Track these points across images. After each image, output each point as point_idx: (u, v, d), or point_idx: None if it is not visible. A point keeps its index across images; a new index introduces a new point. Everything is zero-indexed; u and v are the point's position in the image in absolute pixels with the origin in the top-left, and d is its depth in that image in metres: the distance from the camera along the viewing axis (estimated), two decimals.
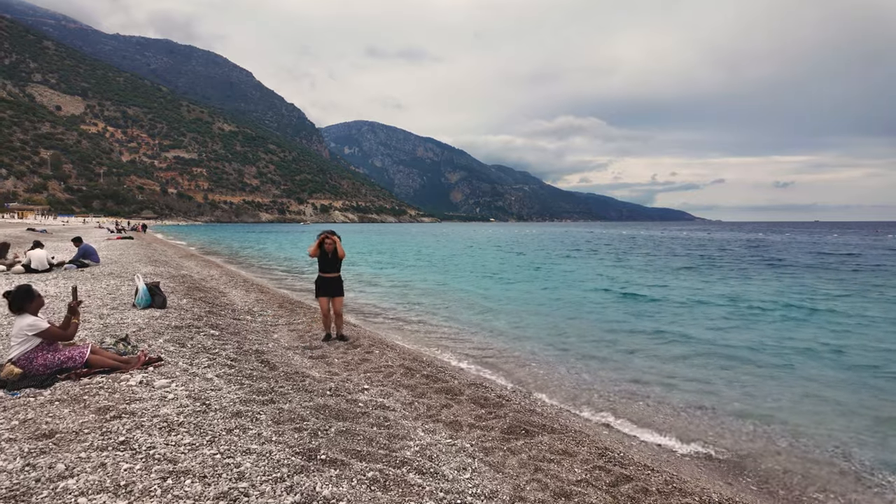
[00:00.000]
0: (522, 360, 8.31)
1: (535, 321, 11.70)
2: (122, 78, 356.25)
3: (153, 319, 7.35)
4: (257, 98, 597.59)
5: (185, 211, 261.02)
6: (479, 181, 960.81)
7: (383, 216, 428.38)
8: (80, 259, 15.52)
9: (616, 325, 11.42)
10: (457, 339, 9.65)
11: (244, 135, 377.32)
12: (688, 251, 39.85)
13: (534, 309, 13.39)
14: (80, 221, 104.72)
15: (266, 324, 9.41)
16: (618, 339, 9.95)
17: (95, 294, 9.46)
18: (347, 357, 7.24)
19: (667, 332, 10.54)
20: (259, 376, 5.27)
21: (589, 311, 13.27)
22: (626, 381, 7.33)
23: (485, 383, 6.66)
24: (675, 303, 14.36)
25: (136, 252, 22.74)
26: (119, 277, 12.80)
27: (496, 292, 16.55)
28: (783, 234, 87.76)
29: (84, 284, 11.05)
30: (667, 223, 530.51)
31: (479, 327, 10.93)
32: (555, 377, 7.45)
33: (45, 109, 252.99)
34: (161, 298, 8.35)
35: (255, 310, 10.81)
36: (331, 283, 8.14)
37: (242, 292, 13.72)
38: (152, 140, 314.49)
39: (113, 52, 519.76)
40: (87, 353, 4.95)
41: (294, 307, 11.64)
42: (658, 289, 17.40)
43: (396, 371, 6.57)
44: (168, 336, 6.43)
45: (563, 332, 10.53)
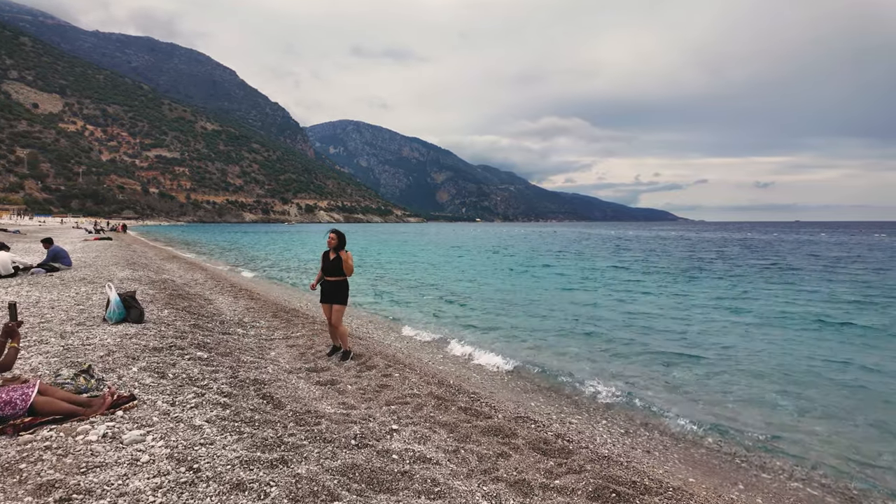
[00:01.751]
0: (564, 384, 7.20)
1: (565, 338, 10.63)
2: (101, 75, 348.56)
3: (127, 339, 6.10)
4: (241, 97, 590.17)
5: (167, 211, 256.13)
6: (465, 181, 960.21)
7: (369, 216, 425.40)
8: (49, 262, 14.07)
9: (654, 334, 10.39)
10: (480, 356, 8.51)
11: (227, 134, 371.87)
12: (689, 253, 39.21)
13: (560, 324, 12.32)
14: (58, 222, 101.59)
15: (260, 338, 8.19)
16: (668, 353, 8.90)
17: (61, 305, 8.14)
18: (362, 382, 6.07)
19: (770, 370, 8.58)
20: (262, 420, 4.08)
21: (618, 317, 12.24)
22: (705, 405, 6.26)
23: (532, 415, 5.53)
24: (749, 323, 11.63)
25: (113, 254, 21.21)
26: (92, 284, 11.43)
27: (512, 299, 15.42)
28: (771, 234, 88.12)
29: (50, 292, 9.70)
30: (651, 223, 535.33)
31: (503, 340, 9.80)
32: (617, 406, 6.35)
33: (22, 107, 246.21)
34: (137, 311, 7.09)
35: (246, 320, 9.58)
36: (331, 287, 6.99)
37: (230, 299, 12.44)
38: (133, 139, 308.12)
39: (92, 49, 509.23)
40: (33, 393, 3.72)
41: (290, 317, 10.41)
42: (699, 302, 16.34)
43: (426, 402, 5.41)
44: (144, 362, 5.19)
45: (604, 348, 9.45)
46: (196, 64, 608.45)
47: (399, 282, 19.59)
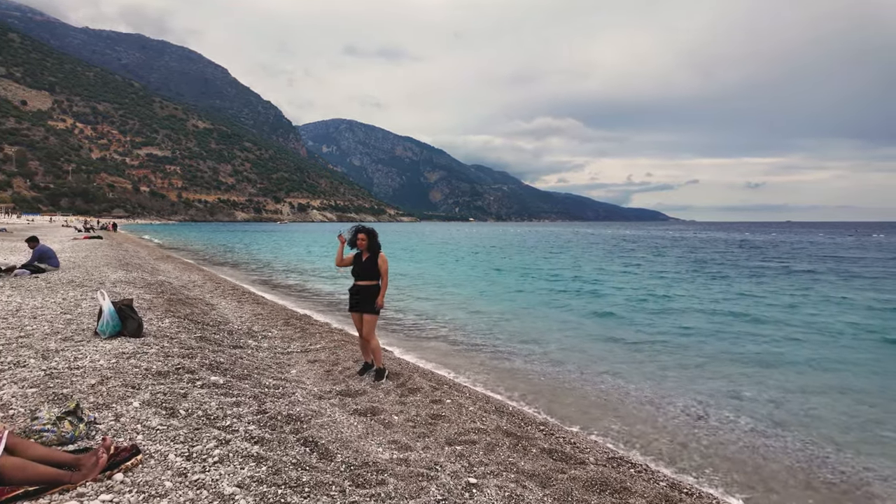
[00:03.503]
0: (642, 403, 6.18)
1: (618, 352, 9.62)
2: (91, 73, 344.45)
3: (124, 359, 5.01)
4: (233, 95, 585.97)
5: (158, 210, 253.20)
6: (459, 181, 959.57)
7: (362, 215, 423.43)
8: (34, 263, 12.89)
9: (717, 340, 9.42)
10: (529, 373, 7.48)
11: (219, 132, 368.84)
12: (691, 253, 38.49)
13: (608, 333, 11.33)
14: (47, 220, 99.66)
15: (276, 351, 7.12)
16: (742, 366, 7.92)
17: (44, 314, 7.03)
18: (409, 410, 5.03)
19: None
20: (312, 481, 3.03)
21: (658, 323, 11.26)
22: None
23: (629, 456, 4.52)
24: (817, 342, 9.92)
25: (104, 254, 19.98)
26: (81, 287, 10.29)
27: (539, 307, 14.37)
28: (769, 235, 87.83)
29: (33, 297, 8.56)
30: (643, 223, 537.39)
31: (544, 353, 8.78)
32: (725, 437, 5.35)
33: (10, 104, 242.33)
34: (135, 323, 5.99)
35: (255, 329, 8.50)
36: (363, 293, 5.95)
37: (234, 303, 11.35)
38: (124, 137, 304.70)
39: (82, 46, 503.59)
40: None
41: (304, 325, 9.33)
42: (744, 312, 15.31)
43: (497, 440, 4.38)
44: (148, 393, 4.12)
45: (687, 361, 8.45)
46: (187, 62, 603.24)
47: (423, 287, 18.44)
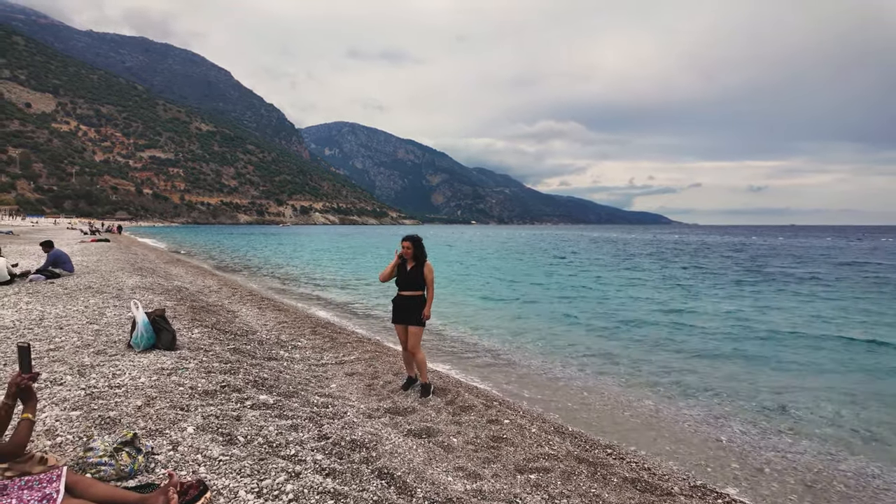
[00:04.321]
0: (702, 433, 5.85)
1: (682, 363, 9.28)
2: (95, 75, 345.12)
3: (164, 375, 4.71)
4: (236, 98, 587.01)
5: (160, 212, 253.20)
6: (461, 184, 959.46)
7: (364, 218, 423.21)
8: (49, 267, 12.63)
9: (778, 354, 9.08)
10: (572, 388, 7.15)
11: (222, 135, 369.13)
12: (706, 259, 38.14)
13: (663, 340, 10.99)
14: (51, 222, 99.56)
15: (309, 363, 6.81)
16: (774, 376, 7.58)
17: (70, 325, 6.73)
18: (467, 431, 4.71)
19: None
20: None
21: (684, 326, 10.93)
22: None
23: (713, 486, 4.20)
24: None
25: (115, 257, 19.72)
26: (101, 294, 10.00)
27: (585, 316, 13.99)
28: (776, 239, 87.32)
29: (54, 305, 8.27)
30: (646, 226, 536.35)
31: (581, 367, 8.45)
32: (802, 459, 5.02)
33: (14, 107, 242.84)
34: (169, 335, 5.69)
35: (283, 339, 8.19)
36: (407, 303, 5.66)
37: (255, 310, 11.05)
38: (127, 139, 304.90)
39: (86, 48, 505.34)
40: (60, 494, 2.36)
41: (331, 334, 9.02)
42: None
43: (572, 468, 4.06)
44: (199, 416, 3.81)
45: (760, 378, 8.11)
46: (191, 64, 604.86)
47: (452, 294, 18.10)
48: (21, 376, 2.52)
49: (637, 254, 41.39)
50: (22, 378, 2.51)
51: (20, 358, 2.59)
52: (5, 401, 2.52)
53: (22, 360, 2.57)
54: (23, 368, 2.56)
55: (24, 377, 2.52)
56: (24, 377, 2.52)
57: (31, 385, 2.55)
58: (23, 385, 2.51)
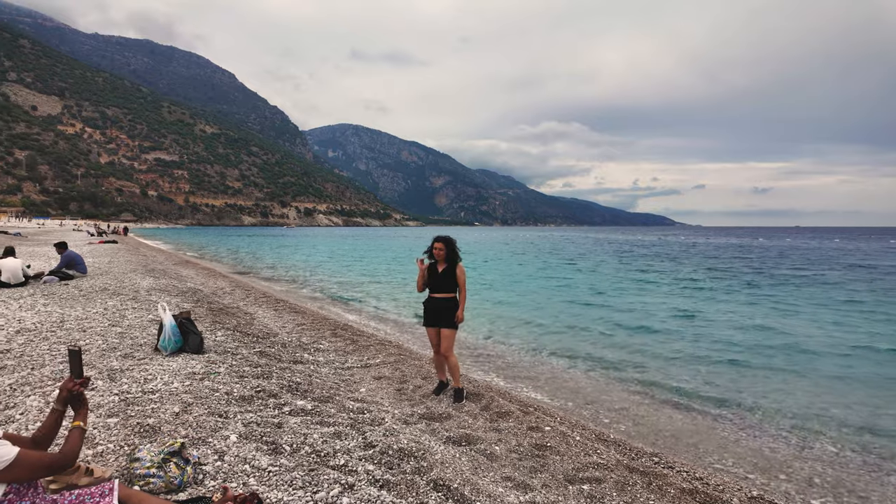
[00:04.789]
0: (744, 441, 5.67)
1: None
2: (100, 78, 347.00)
3: (197, 380, 4.57)
4: (240, 100, 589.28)
5: (165, 214, 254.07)
6: (464, 185, 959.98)
7: (368, 220, 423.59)
8: (63, 269, 12.55)
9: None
10: (603, 394, 6.98)
11: (226, 137, 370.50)
12: (713, 261, 37.90)
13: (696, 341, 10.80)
14: (57, 224, 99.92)
15: (334, 366, 6.66)
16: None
17: (93, 327, 6.61)
18: (508, 439, 4.55)
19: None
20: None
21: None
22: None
23: (771, 499, 4.03)
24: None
25: (126, 259, 19.65)
26: (117, 296, 9.89)
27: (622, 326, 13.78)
28: (784, 240, 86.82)
29: (72, 307, 8.16)
30: (650, 228, 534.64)
31: (605, 370, 8.27)
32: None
33: (21, 109, 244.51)
34: (197, 339, 5.56)
35: (305, 341, 8.04)
36: (439, 306, 5.50)
37: (271, 312, 10.91)
38: (132, 141, 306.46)
39: (91, 51, 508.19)
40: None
41: (353, 336, 8.87)
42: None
43: (626, 479, 3.89)
44: (240, 423, 3.67)
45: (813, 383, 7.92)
46: (195, 67, 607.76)
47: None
48: (73, 381, 2.38)
49: (646, 256, 41.16)
50: (74, 383, 2.38)
51: (71, 362, 2.45)
52: (56, 406, 2.39)
53: (73, 364, 2.44)
54: (74, 373, 2.43)
55: (76, 382, 2.39)
56: (76, 382, 2.39)
57: (83, 391, 2.41)
58: (75, 391, 2.37)
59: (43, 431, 2.37)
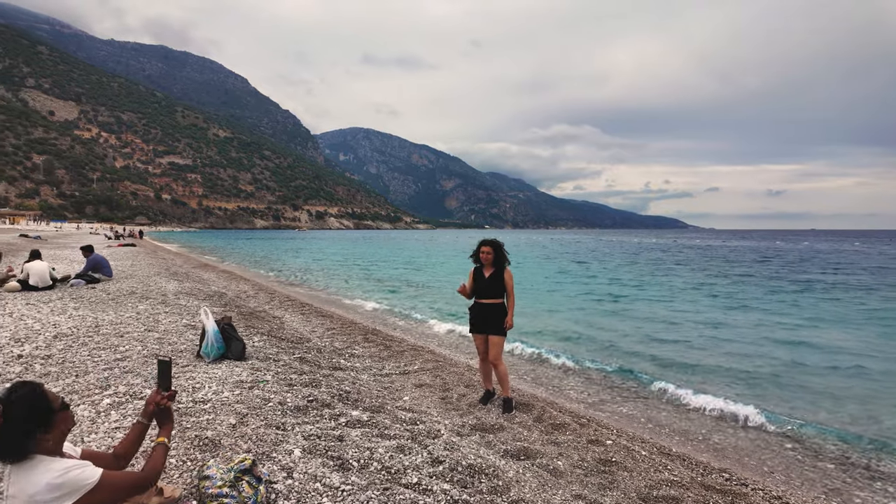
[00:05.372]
0: (798, 458, 5.39)
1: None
2: (116, 83, 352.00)
3: (245, 389, 4.41)
4: (252, 104, 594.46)
5: (179, 217, 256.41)
6: (474, 188, 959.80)
7: (378, 223, 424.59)
8: (89, 272, 12.54)
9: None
10: (653, 409, 6.71)
11: (239, 141, 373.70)
12: (738, 265, 37.33)
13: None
14: (74, 227, 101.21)
15: (374, 373, 6.48)
16: None
17: (129, 332, 6.49)
18: (568, 453, 4.33)
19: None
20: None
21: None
22: None
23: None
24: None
25: (147, 262, 19.69)
26: (146, 299, 9.81)
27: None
28: (801, 244, 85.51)
29: (104, 312, 8.07)
30: (662, 231, 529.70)
31: (653, 376, 7.99)
32: None
33: (38, 114, 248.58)
34: (239, 345, 5.41)
35: (338, 347, 7.88)
36: (486, 312, 5.31)
37: (299, 316, 10.78)
38: (147, 146, 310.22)
39: (107, 57, 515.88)
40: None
41: (385, 341, 8.69)
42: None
43: (706, 500, 3.66)
44: (300, 436, 3.49)
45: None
46: (209, 72, 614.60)
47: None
48: (160, 394, 2.23)
49: (664, 259, 40.64)
50: (162, 396, 2.22)
51: (160, 373, 2.30)
52: (141, 420, 2.24)
53: (161, 376, 2.29)
54: (162, 385, 2.27)
55: (164, 395, 2.23)
56: (164, 395, 2.23)
57: (170, 405, 2.25)
58: (163, 405, 2.22)
59: (125, 446, 2.22)
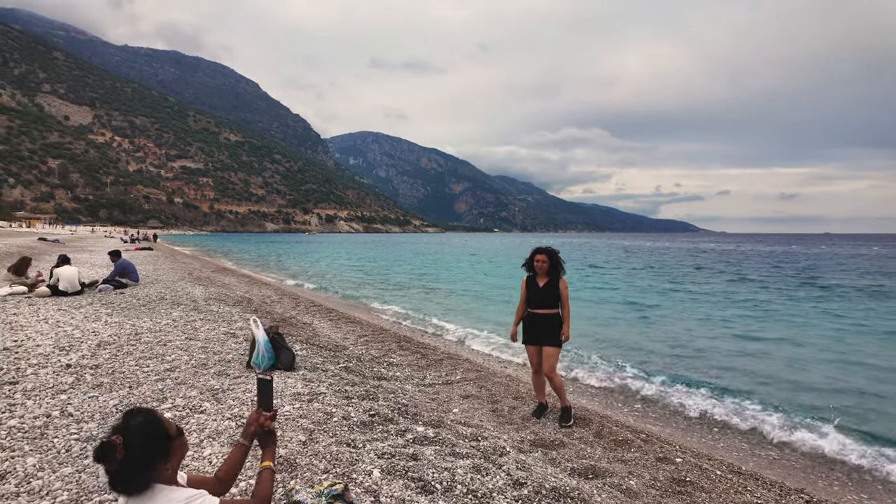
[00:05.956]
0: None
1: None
2: (129, 88, 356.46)
3: (304, 402, 4.28)
4: (263, 108, 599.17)
5: (190, 220, 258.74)
6: (483, 191, 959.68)
7: (388, 226, 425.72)
8: (116, 277, 12.52)
9: None
10: (712, 424, 6.48)
11: (250, 145, 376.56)
12: (775, 271, 36.82)
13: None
14: (88, 231, 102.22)
15: (416, 383, 6.34)
16: None
17: (170, 339, 6.40)
18: (638, 471, 4.15)
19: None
20: None
21: None
22: None
23: None
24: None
25: (169, 267, 19.72)
26: (177, 305, 9.75)
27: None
28: (818, 248, 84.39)
29: (139, 318, 8.00)
30: (673, 234, 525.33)
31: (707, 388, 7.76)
32: None
33: (54, 119, 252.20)
34: (289, 355, 5.30)
35: (374, 355, 7.75)
36: (541, 322, 5.15)
37: (328, 322, 10.68)
38: (159, 150, 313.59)
39: (121, 62, 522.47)
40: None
41: (419, 349, 8.55)
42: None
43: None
44: (373, 454, 3.35)
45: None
46: (220, 76, 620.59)
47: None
48: (263, 414, 2.10)
49: (684, 264, 40.18)
50: (265, 417, 2.09)
51: (260, 392, 2.16)
52: (242, 441, 2.10)
53: (262, 395, 2.15)
54: (263, 405, 2.14)
55: (267, 416, 2.10)
56: (267, 416, 2.10)
57: (273, 426, 2.12)
58: (268, 427, 2.09)
59: (228, 470, 2.09)
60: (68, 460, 3.13)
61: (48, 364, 5.12)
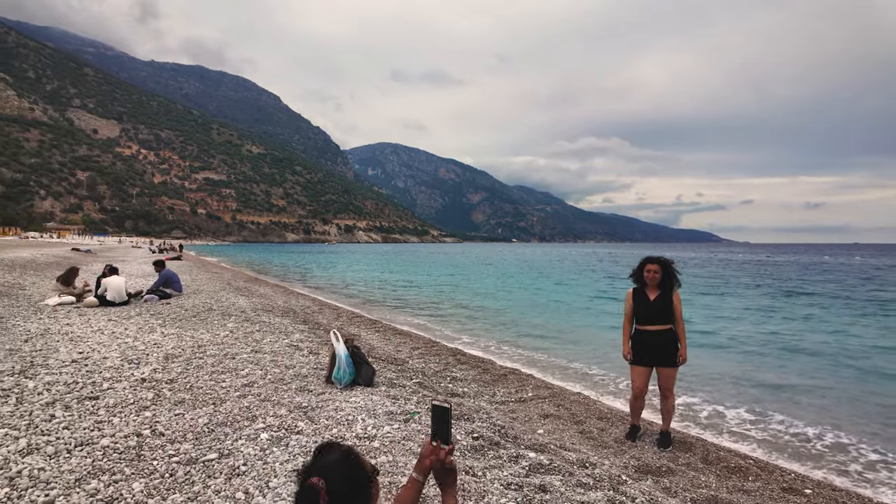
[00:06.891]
0: None
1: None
2: (155, 102, 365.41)
3: (399, 421, 4.01)
4: (285, 121, 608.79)
5: (213, 231, 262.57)
6: (501, 201, 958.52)
7: (406, 236, 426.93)
8: (160, 287, 12.48)
9: None
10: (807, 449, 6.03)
11: (272, 157, 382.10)
12: (822, 284, 35.74)
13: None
14: (116, 241, 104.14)
15: (487, 400, 6.03)
16: None
17: (237, 353, 6.19)
18: (766, 503, 3.78)
19: None
20: None
21: None
22: None
23: None
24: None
25: (206, 277, 19.75)
26: (229, 316, 9.60)
27: None
28: (854, 258, 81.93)
29: (195, 330, 7.84)
30: (695, 245, 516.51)
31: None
32: None
33: (83, 133, 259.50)
34: (369, 370, 5.04)
35: (435, 368, 7.47)
36: (655, 340, 4.73)
37: (376, 334, 10.43)
38: (183, 162, 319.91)
39: (147, 77, 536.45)
40: None
41: (478, 364, 8.24)
42: None
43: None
44: (497, 483, 3.06)
45: None
46: (243, 90, 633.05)
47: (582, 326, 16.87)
48: (442, 448, 1.77)
49: (725, 276, 39.20)
50: (444, 451, 1.77)
51: (435, 420, 1.79)
52: (416, 477, 1.80)
53: (438, 425, 1.79)
54: (441, 436, 1.79)
55: (446, 450, 1.78)
56: (446, 450, 1.78)
57: (453, 462, 1.80)
58: (448, 464, 1.78)
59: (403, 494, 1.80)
60: (174, 486, 2.90)
61: (122, 378, 4.94)
